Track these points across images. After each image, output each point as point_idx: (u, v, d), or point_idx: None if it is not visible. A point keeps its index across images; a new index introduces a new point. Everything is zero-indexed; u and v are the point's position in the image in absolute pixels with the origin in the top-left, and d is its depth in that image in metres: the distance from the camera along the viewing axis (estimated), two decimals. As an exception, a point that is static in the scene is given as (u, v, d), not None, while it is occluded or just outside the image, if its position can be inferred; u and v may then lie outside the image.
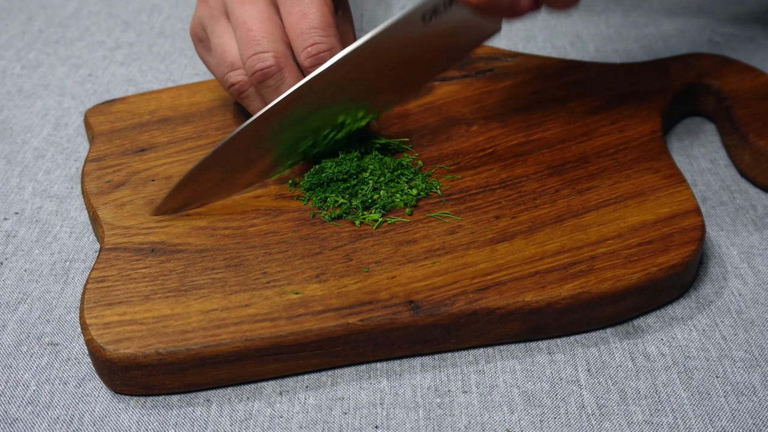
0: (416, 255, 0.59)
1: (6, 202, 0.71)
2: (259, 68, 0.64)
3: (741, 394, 0.55)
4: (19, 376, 0.57)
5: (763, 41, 0.90)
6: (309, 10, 0.65)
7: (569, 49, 0.90)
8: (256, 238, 0.61)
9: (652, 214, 0.62)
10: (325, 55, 0.64)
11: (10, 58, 0.92)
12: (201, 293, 0.57)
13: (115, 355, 0.53)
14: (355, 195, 0.64)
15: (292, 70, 0.65)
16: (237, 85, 0.67)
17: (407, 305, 0.55)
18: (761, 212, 0.68)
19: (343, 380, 0.56)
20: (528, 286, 0.57)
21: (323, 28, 0.65)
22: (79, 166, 0.75)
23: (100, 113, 0.75)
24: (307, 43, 0.65)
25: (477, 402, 0.55)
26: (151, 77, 0.88)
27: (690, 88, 0.76)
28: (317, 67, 0.62)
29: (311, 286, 0.57)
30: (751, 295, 0.61)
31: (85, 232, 0.68)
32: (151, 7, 1.02)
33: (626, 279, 0.57)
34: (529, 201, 0.64)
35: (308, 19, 0.65)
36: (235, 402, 0.55)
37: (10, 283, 0.64)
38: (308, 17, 0.65)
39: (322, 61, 0.63)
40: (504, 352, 0.58)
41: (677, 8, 0.97)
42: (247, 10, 0.66)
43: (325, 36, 0.65)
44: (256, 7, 0.66)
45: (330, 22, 0.65)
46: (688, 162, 0.73)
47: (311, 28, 0.65)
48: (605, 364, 0.57)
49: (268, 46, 0.64)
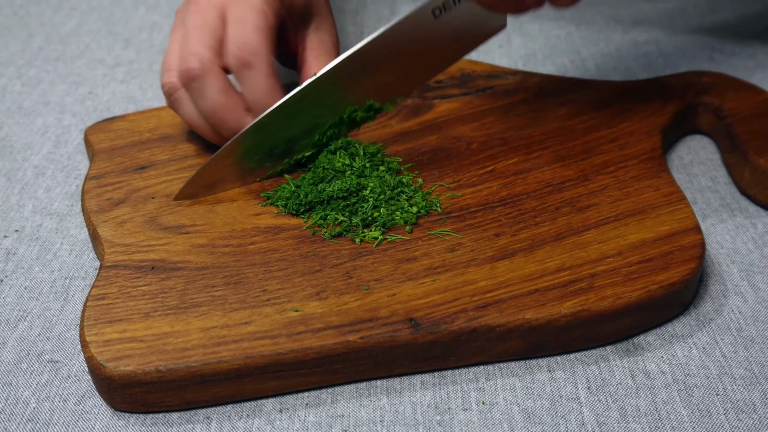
0: (416, 272, 0.59)
1: (6, 219, 0.71)
2: (184, 68, 0.67)
3: (741, 412, 0.54)
4: (19, 394, 0.57)
5: (763, 59, 0.90)
6: (245, 16, 0.68)
7: (569, 67, 0.90)
8: (256, 256, 0.61)
9: (652, 232, 0.62)
10: (250, 58, 0.66)
11: (11, 76, 0.92)
12: (201, 311, 0.57)
13: (115, 372, 0.53)
14: (355, 213, 0.64)
15: (217, 75, 0.67)
16: (167, 86, 0.69)
17: (407, 323, 0.55)
18: (761, 230, 0.68)
19: (343, 397, 0.56)
20: (528, 304, 0.57)
21: (253, 31, 0.67)
22: (79, 184, 0.75)
23: (100, 131, 0.75)
24: (234, 44, 0.67)
25: (477, 419, 0.54)
26: (151, 95, 0.88)
27: (690, 106, 0.76)
28: (243, 70, 0.67)
29: (311, 303, 0.57)
30: (751, 312, 0.61)
31: (85, 250, 0.68)
32: (152, 25, 1.02)
33: (626, 297, 0.57)
34: (529, 219, 0.64)
35: (240, 24, 0.68)
36: (235, 419, 0.55)
37: (10, 300, 0.64)
38: (241, 22, 0.68)
39: (245, 63, 0.67)
40: (504, 369, 0.58)
41: (677, 26, 0.97)
42: (195, 19, 0.69)
43: (252, 40, 0.67)
44: (203, 18, 0.69)
45: (261, 27, 0.68)
46: (688, 180, 0.73)
47: (241, 31, 0.67)
48: (605, 381, 0.57)
49: (197, 50, 0.67)
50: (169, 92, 0.69)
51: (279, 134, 0.66)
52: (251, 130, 0.65)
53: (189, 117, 0.70)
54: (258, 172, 0.68)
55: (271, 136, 0.66)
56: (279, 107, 0.65)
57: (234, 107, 0.66)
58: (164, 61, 0.70)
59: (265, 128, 0.66)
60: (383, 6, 1.04)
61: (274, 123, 0.66)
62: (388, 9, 1.03)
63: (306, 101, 0.66)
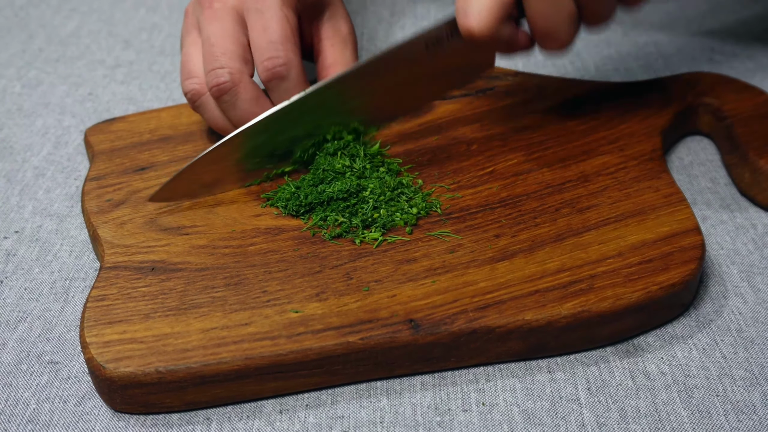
0: (416, 274, 0.59)
1: (6, 220, 0.71)
2: (214, 84, 0.67)
3: (741, 413, 0.54)
4: (19, 395, 0.57)
5: (763, 60, 0.90)
6: (269, 24, 0.68)
7: (569, 68, 0.90)
8: (256, 257, 0.61)
9: (652, 233, 0.62)
10: (281, 69, 0.67)
11: (10, 77, 0.92)
12: (201, 312, 0.57)
13: (115, 373, 0.53)
14: (356, 214, 0.64)
15: (248, 86, 0.67)
16: (190, 93, 0.70)
17: (407, 324, 0.55)
18: (761, 231, 0.68)
19: (343, 399, 0.56)
20: (528, 305, 0.57)
21: (281, 42, 0.67)
22: (80, 185, 0.75)
23: (100, 132, 0.75)
24: (263, 57, 0.67)
25: (477, 421, 0.54)
26: (151, 96, 0.88)
27: (690, 107, 0.76)
28: (274, 80, 0.67)
29: (311, 304, 0.57)
30: (751, 313, 0.61)
31: (85, 251, 0.68)
32: (152, 26, 1.02)
33: (626, 298, 0.57)
34: (529, 220, 0.64)
35: (267, 34, 0.68)
36: (235, 420, 0.55)
37: (10, 301, 0.64)
38: (267, 32, 0.68)
39: (277, 75, 0.67)
40: (504, 370, 0.58)
41: (677, 27, 0.97)
42: (214, 26, 0.69)
43: (281, 50, 0.67)
44: (221, 24, 0.69)
45: (288, 36, 0.68)
46: (688, 181, 0.73)
47: (269, 43, 0.67)
48: (605, 382, 0.57)
49: (225, 62, 0.67)
50: (193, 99, 0.70)
51: (280, 136, 0.67)
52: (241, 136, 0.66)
53: (214, 121, 0.70)
54: (257, 173, 0.68)
55: (272, 138, 0.66)
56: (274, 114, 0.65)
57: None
58: (184, 68, 0.71)
59: (265, 131, 0.66)
60: (383, 7, 1.04)
61: (276, 125, 0.66)
62: (387, 11, 1.03)
63: (306, 107, 0.66)
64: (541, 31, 0.64)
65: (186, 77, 0.70)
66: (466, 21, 0.62)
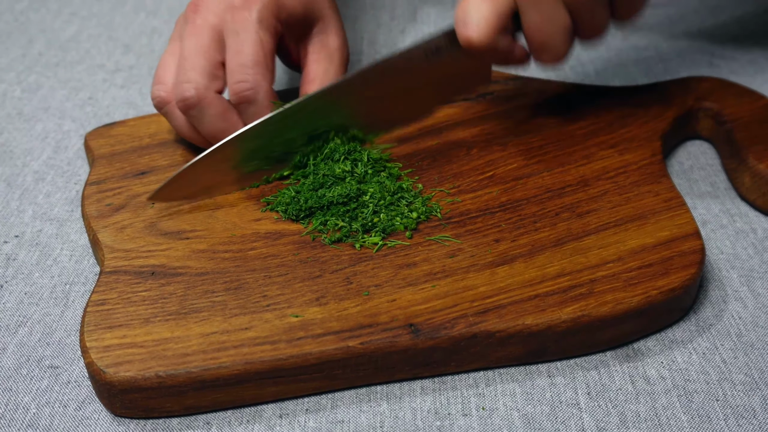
0: (416, 278, 0.59)
1: (6, 225, 0.71)
2: (180, 98, 0.67)
3: (741, 417, 0.54)
4: (19, 399, 0.57)
5: (763, 64, 0.90)
6: (242, 47, 0.68)
7: (569, 72, 0.90)
8: (256, 261, 0.61)
9: (652, 238, 0.62)
10: (249, 93, 0.67)
11: (10, 81, 0.92)
12: (201, 316, 0.57)
13: (115, 378, 0.53)
14: (355, 218, 0.64)
15: (213, 102, 0.68)
16: (156, 99, 0.71)
17: (407, 328, 0.55)
18: (761, 235, 0.68)
19: (343, 403, 0.56)
20: (528, 310, 0.57)
21: (251, 66, 0.67)
22: (80, 189, 0.75)
23: (100, 136, 0.75)
24: (233, 79, 0.68)
25: (477, 425, 0.54)
26: (151, 100, 0.88)
27: (690, 111, 0.76)
28: (242, 104, 0.67)
29: (311, 309, 0.57)
30: (751, 318, 0.61)
31: (85, 255, 0.68)
32: (152, 30, 1.02)
33: (626, 302, 0.57)
34: (529, 224, 0.64)
35: (239, 57, 0.68)
36: (235, 425, 0.55)
37: (10, 306, 0.64)
38: (239, 54, 0.68)
39: (245, 99, 0.67)
40: (504, 375, 0.58)
41: (677, 31, 0.97)
42: (191, 40, 0.69)
43: (251, 75, 0.67)
44: (198, 40, 0.69)
45: (258, 60, 0.68)
46: (688, 185, 0.73)
47: (239, 66, 0.68)
48: (605, 387, 0.57)
49: (193, 77, 0.67)
50: (158, 105, 0.71)
51: (276, 139, 0.67)
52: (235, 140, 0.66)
53: (179, 129, 0.71)
54: (256, 176, 0.68)
55: (269, 142, 0.67)
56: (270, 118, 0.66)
57: (232, 130, 0.67)
58: (156, 73, 0.71)
59: (262, 134, 0.66)
60: (383, 11, 1.04)
61: (271, 130, 0.66)
62: (387, 14, 1.03)
63: (303, 113, 0.66)
64: (537, 44, 0.66)
65: (156, 82, 0.71)
66: (465, 31, 0.63)
